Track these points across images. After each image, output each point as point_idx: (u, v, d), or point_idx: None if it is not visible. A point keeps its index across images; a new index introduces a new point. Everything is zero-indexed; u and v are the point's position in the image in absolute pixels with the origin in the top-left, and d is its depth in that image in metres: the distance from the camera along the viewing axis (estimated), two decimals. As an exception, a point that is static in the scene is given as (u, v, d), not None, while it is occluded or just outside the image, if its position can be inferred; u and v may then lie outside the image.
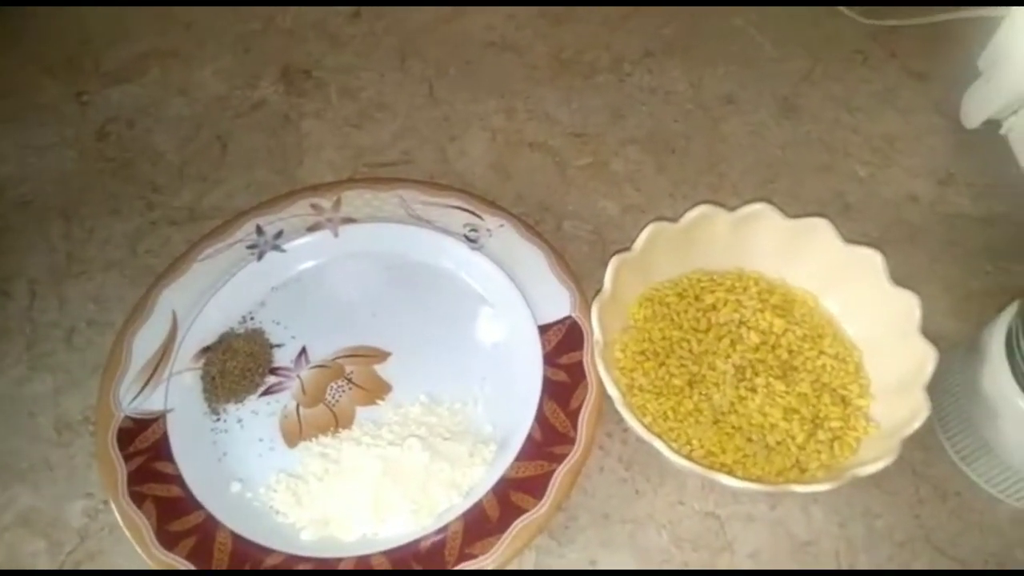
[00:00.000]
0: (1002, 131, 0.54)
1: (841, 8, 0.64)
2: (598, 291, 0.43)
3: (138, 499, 0.41)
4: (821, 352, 0.44)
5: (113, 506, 0.41)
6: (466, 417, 0.45)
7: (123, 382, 0.45)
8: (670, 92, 0.61)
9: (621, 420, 0.43)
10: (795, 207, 0.53)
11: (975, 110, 0.55)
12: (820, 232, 0.45)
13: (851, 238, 0.45)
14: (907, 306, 0.42)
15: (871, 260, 0.44)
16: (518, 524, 0.40)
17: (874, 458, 0.38)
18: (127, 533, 0.40)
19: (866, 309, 0.45)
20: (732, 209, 0.46)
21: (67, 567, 0.42)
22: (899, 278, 0.44)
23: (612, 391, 0.40)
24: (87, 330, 0.50)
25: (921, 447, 0.44)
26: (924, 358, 0.41)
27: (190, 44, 0.64)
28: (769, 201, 0.47)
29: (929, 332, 0.42)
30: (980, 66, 0.56)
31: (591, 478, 0.44)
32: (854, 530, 0.42)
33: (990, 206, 0.54)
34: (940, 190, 0.55)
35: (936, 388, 0.41)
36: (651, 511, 0.43)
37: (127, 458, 0.42)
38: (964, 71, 0.57)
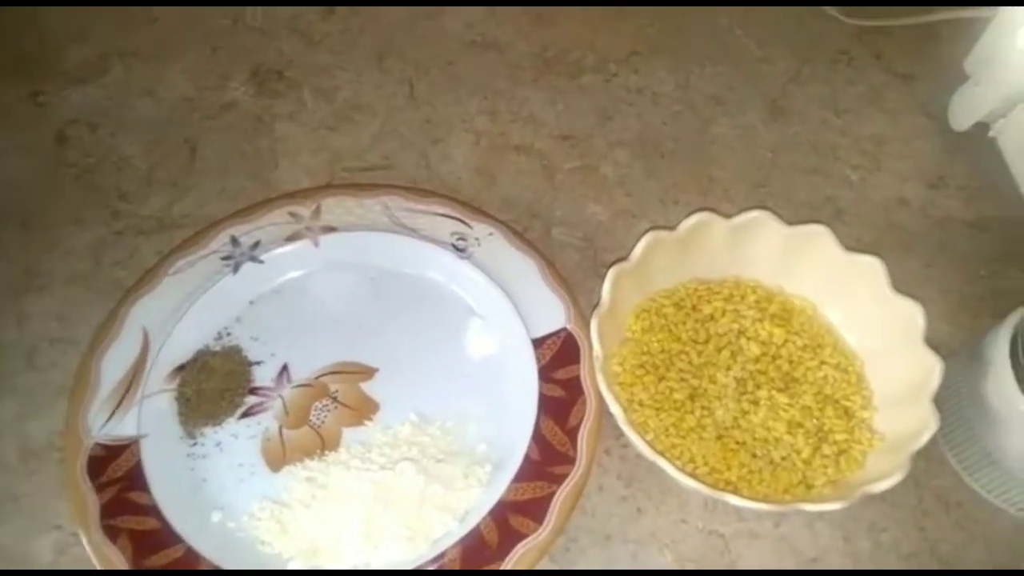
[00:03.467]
0: (991, 133, 0.53)
1: (825, 8, 0.64)
2: (596, 305, 0.42)
3: (112, 533, 0.38)
4: (822, 362, 0.43)
5: (85, 542, 0.38)
6: (458, 436, 0.43)
7: (92, 406, 0.42)
8: (657, 93, 0.59)
9: (620, 436, 0.42)
10: (787, 211, 0.52)
11: (964, 113, 0.54)
12: (819, 239, 0.44)
13: (845, 244, 0.45)
14: (909, 315, 0.42)
15: (872, 268, 0.43)
16: (519, 550, 0.38)
17: (882, 473, 0.38)
18: (101, 570, 0.38)
19: (867, 318, 0.44)
20: (729, 216, 0.45)
21: (35, 607, 0.39)
22: (894, 284, 0.43)
23: (615, 410, 0.38)
24: (50, 349, 0.47)
25: (923, 457, 0.43)
26: (929, 369, 0.40)
27: (154, 42, 0.60)
28: (764, 207, 0.45)
29: (927, 338, 0.41)
30: (967, 68, 0.56)
31: (591, 497, 0.42)
32: (860, 544, 0.42)
33: (981, 209, 0.54)
34: (931, 194, 0.54)
35: (937, 397, 0.40)
36: (653, 530, 0.42)
37: (99, 488, 0.40)
38: (950, 72, 0.57)
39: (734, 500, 0.36)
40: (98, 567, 0.38)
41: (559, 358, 0.44)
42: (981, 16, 0.56)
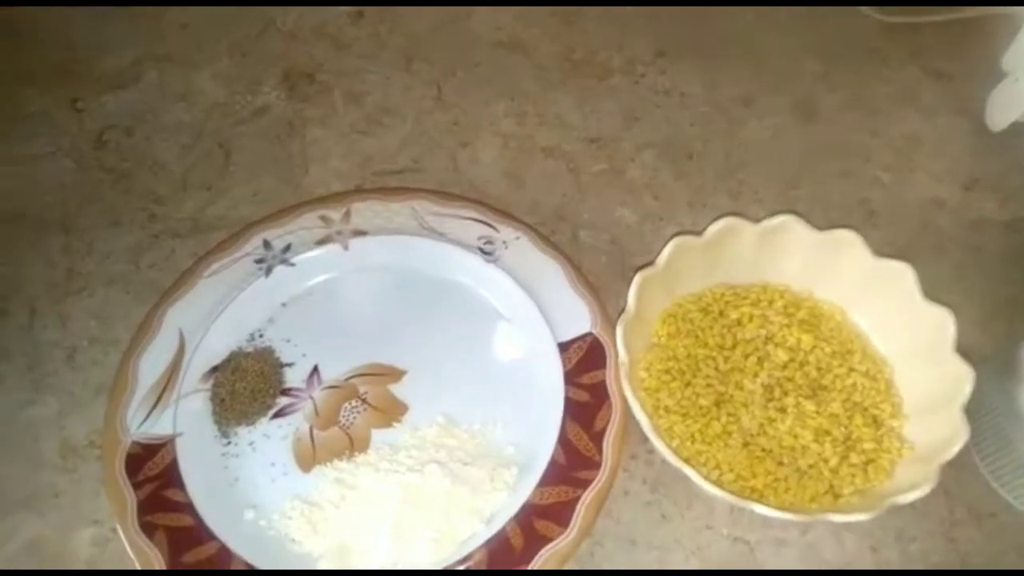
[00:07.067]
0: (1029, 134, 0.52)
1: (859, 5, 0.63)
2: (622, 310, 0.42)
3: (149, 530, 0.40)
4: (851, 369, 0.43)
5: (123, 538, 0.39)
6: (485, 439, 0.44)
7: (130, 406, 0.43)
8: (685, 94, 0.59)
9: (646, 441, 0.42)
10: (818, 215, 0.52)
11: (1002, 113, 0.53)
12: (849, 245, 0.44)
13: (877, 247, 0.44)
14: (940, 322, 0.41)
15: (902, 274, 0.43)
16: (544, 554, 0.39)
17: (911, 484, 0.37)
18: (139, 566, 0.39)
19: (897, 325, 0.43)
20: (757, 221, 0.45)
21: (76, 600, 0.41)
22: (926, 288, 0.43)
23: (640, 416, 0.39)
24: (90, 349, 0.48)
25: (954, 466, 0.42)
26: (961, 378, 0.39)
27: (187, 48, 0.62)
28: (793, 211, 0.45)
29: (958, 344, 0.41)
30: (1005, 66, 0.55)
31: (616, 502, 0.43)
32: (888, 555, 0.41)
33: (1016, 211, 0.53)
34: (965, 195, 0.53)
35: (969, 405, 0.39)
36: (679, 536, 0.42)
37: (136, 486, 0.41)
38: (987, 70, 0.56)
39: (759, 509, 0.36)
40: (136, 563, 0.39)
41: (585, 362, 0.44)
42: (1019, 11, 0.55)
